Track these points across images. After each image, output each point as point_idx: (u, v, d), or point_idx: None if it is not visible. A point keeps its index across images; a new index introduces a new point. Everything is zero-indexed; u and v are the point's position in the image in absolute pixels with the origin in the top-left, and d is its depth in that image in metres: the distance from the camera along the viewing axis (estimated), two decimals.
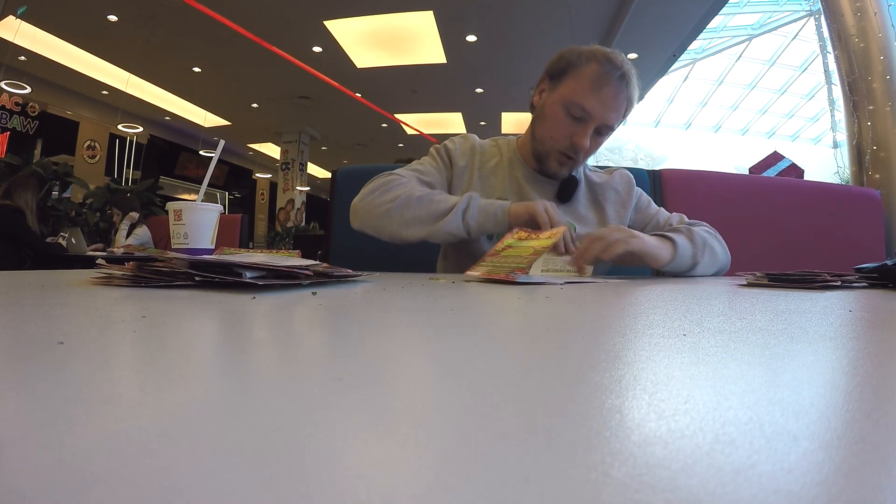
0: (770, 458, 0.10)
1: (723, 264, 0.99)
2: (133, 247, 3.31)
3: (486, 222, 0.90)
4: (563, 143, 0.97)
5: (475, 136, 1.12)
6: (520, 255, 0.76)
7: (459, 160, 1.06)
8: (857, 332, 0.29)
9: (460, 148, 1.08)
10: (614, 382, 0.16)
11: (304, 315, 0.35)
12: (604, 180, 1.11)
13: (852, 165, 2.58)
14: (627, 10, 5.25)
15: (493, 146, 1.11)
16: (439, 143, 1.12)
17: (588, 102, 0.93)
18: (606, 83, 0.92)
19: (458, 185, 1.05)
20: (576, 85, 0.94)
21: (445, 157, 1.07)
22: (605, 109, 0.93)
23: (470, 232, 0.91)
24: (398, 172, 1.00)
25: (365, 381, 0.16)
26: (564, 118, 0.95)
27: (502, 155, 1.08)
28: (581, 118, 0.94)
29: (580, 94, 0.93)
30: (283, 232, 8.58)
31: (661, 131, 14.09)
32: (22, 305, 0.34)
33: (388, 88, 7.54)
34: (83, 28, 5.89)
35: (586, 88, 0.93)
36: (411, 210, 0.91)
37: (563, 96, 0.95)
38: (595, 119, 0.94)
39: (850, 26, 2.53)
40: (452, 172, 1.06)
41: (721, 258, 0.97)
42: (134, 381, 0.17)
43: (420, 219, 0.91)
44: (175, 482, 0.09)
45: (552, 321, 0.34)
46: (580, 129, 0.94)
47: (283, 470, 0.09)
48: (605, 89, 0.92)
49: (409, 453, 0.10)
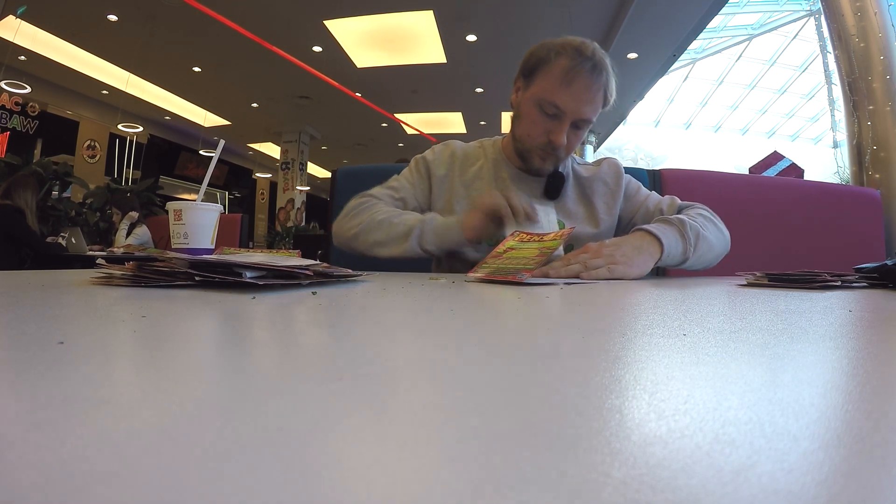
0: (770, 458, 0.10)
1: (721, 251, 0.95)
2: (133, 247, 3.31)
3: (444, 244, 0.92)
4: (541, 140, 0.96)
5: (457, 143, 1.12)
6: (525, 256, 0.75)
7: (438, 170, 1.06)
8: (857, 332, 0.29)
9: (439, 157, 1.07)
10: (614, 382, 0.16)
11: (304, 315, 0.35)
12: (591, 173, 1.09)
13: (852, 165, 2.58)
14: (627, 10, 5.25)
15: (478, 148, 1.10)
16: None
17: (560, 99, 0.91)
18: (576, 77, 0.90)
19: (439, 194, 1.05)
20: (546, 83, 0.93)
21: (423, 170, 1.07)
22: (578, 104, 0.92)
23: (434, 253, 0.93)
24: (371, 193, 1.02)
25: (365, 381, 0.16)
26: (539, 116, 0.94)
27: (486, 157, 1.07)
28: (555, 115, 0.93)
29: (551, 91, 0.92)
30: (283, 232, 8.57)
31: (661, 131, 14.09)
32: (22, 305, 0.34)
33: (388, 88, 7.54)
34: (83, 28, 5.89)
35: (556, 85, 0.91)
36: (373, 234, 0.94)
37: (535, 95, 0.94)
38: (569, 115, 0.92)
39: (850, 26, 2.53)
40: (431, 183, 1.06)
41: (717, 246, 0.93)
42: (134, 381, 0.17)
43: (382, 242, 0.93)
44: (175, 482, 0.09)
45: (552, 321, 0.34)
46: (555, 125, 0.93)
47: (284, 470, 0.09)
48: (575, 83, 0.91)
49: (409, 453, 0.10)
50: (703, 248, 0.88)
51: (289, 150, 9.79)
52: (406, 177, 1.08)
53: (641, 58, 6.37)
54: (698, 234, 0.87)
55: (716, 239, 0.92)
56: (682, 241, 0.86)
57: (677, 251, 0.85)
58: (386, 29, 5.92)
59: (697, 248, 0.87)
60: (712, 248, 0.92)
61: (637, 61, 6.45)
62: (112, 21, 5.72)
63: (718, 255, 0.95)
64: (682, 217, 0.89)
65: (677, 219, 0.88)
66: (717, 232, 0.94)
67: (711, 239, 0.91)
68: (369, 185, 1.07)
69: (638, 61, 6.47)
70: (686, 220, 0.88)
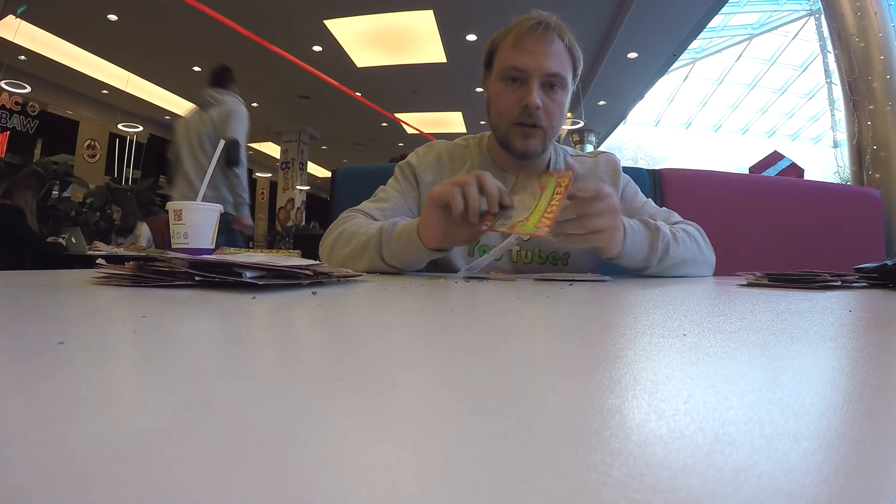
0: (770, 458, 0.10)
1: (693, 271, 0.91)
2: (133, 246, 3.31)
3: (408, 257, 0.80)
4: (514, 111, 0.90)
5: (442, 143, 1.07)
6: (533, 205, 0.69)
7: (425, 176, 1.01)
8: (857, 332, 0.29)
9: (425, 162, 1.02)
10: (614, 382, 0.16)
11: (304, 315, 0.35)
12: (587, 168, 1.03)
13: (852, 165, 2.58)
14: (627, 10, 5.25)
15: (464, 147, 1.05)
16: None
17: (517, 59, 0.89)
18: (527, 36, 0.89)
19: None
20: (501, 55, 0.92)
21: (410, 176, 1.02)
22: (537, 58, 0.88)
23: (405, 267, 0.84)
24: (357, 208, 0.97)
25: (365, 382, 0.16)
26: (505, 89, 0.91)
27: (473, 159, 1.03)
28: (518, 78, 0.90)
29: (507, 58, 0.90)
30: (283, 231, 8.58)
31: (661, 131, 14.10)
32: (22, 305, 0.34)
33: (388, 88, 7.54)
34: (83, 27, 5.89)
35: (511, 51, 0.90)
36: (343, 250, 0.88)
37: (497, 72, 0.93)
38: (532, 72, 0.88)
39: (850, 26, 2.53)
40: (420, 190, 1.00)
41: (689, 265, 0.89)
42: (134, 381, 0.17)
43: (349, 257, 0.86)
44: (175, 482, 0.09)
45: (552, 321, 0.34)
46: (523, 89, 0.90)
47: (284, 470, 0.09)
48: (527, 41, 0.89)
49: (409, 453, 0.10)
50: (669, 262, 0.84)
51: (289, 150, 9.79)
52: (393, 185, 1.02)
53: (641, 57, 6.37)
54: (667, 251, 0.83)
55: (690, 257, 0.88)
56: (648, 249, 0.82)
57: (639, 255, 0.82)
58: (386, 29, 5.92)
59: (662, 262, 0.83)
60: (683, 265, 0.88)
61: (637, 61, 6.45)
62: (112, 21, 5.73)
63: (693, 273, 0.92)
64: (658, 225, 0.85)
65: (654, 225, 0.84)
66: (695, 251, 0.90)
67: (684, 256, 0.87)
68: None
69: (638, 61, 6.47)
70: (663, 230, 0.84)
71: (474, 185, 0.71)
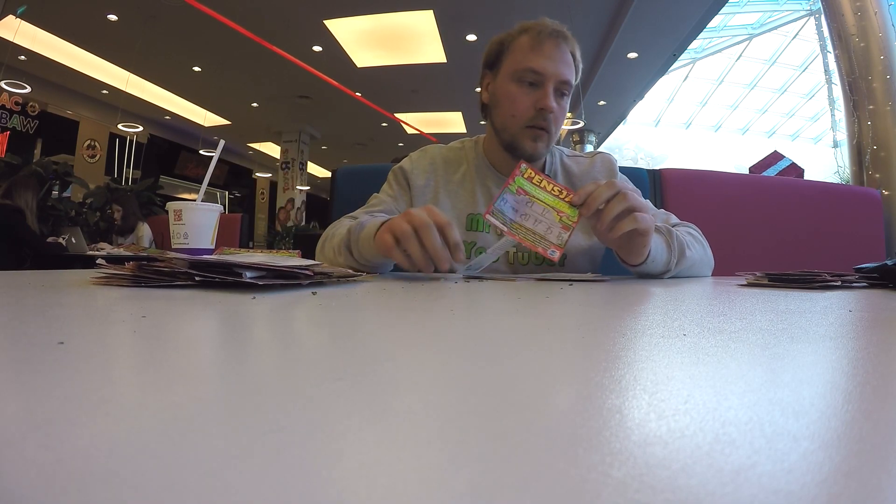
0: (770, 458, 0.10)
1: (699, 272, 0.92)
2: (133, 246, 3.31)
3: (375, 259, 0.80)
4: (528, 114, 0.91)
5: (436, 148, 1.06)
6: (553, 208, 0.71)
7: (418, 180, 1.00)
8: (857, 332, 0.29)
9: (418, 166, 1.02)
10: (614, 382, 0.16)
11: (304, 315, 0.35)
12: (583, 169, 1.03)
13: (852, 165, 2.58)
14: (627, 10, 5.25)
15: (459, 151, 1.05)
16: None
17: (536, 62, 0.90)
18: (544, 41, 0.90)
19: (421, 205, 0.96)
20: (517, 56, 0.92)
21: (403, 181, 1.02)
22: (555, 63, 0.90)
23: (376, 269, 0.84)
24: (351, 215, 0.97)
25: (365, 382, 0.16)
26: (519, 90, 0.92)
27: (469, 162, 1.02)
28: (535, 82, 0.91)
29: (524, 59, 0.91)
30: (283, 231, 8.58)
31: (661, 131, 14.10)
32: (22, 305, 0.34)
33: (388, 88, 7.54)
34: (83, 28, 5.89)
35: (527, 53, 0.91)
36: (326, 252, 0.89)
37: (508, 72, 0.93)
38: (549, 76, 0.90)
39: (850, 26, 2.53)
40: (412, 195, 1.00)
41: (697, 267, 0.89)
42: (134, 381, 0.17)
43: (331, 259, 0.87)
44: (175, 482, 0.09)
45: (552, 321, 0.34)
46: (540, 93, 0.91)
47: (284, 470, 0.09)
48: (545, 45, 0.90)
49: (409, 453, 0.10)
50: (685, 266, 0.85)
51: (289, 150, 9.79)
52: (386, 191, 1.02)
53: (641, 58, 6.37)
54: (682, 252, 0.84)
55: (699, 258, 0.89)
56: (668, 252, 0.82)
57: (660, 260, 0.82)
58: (386, 29, 5.93)
59: (679, 264, 0.83)
60: (692, 269, 0.88)
61: (637, 61, 6.46)
62: (112, 21, 5.73)
63: (698, 274, 0.92)
64: (669, 229, 0.85)
65: (665, 228, 0.85)
66: (702, 253, 0.91)
67: (694, 257, 0.87)
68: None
69: (638, 61, 6.47)
70: (675, 233, 0.84)
71: (435, 235, 0.68)
